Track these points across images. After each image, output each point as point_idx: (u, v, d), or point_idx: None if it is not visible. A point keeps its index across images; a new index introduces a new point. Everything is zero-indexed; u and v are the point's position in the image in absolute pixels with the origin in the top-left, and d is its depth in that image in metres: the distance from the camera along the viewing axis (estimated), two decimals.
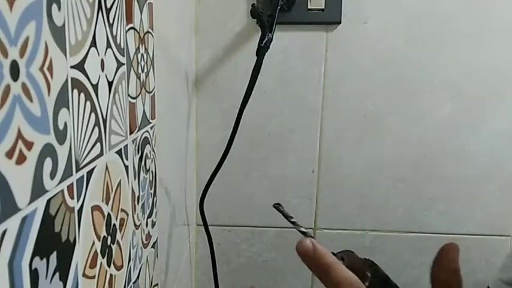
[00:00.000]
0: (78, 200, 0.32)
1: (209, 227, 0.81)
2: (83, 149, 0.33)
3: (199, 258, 0.97)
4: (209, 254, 0.83)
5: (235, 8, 0.86)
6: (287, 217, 0.44)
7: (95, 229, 0.36)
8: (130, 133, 0.45)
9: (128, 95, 0.43)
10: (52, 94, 0.28)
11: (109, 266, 0.39)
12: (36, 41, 0.25)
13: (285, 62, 0.88)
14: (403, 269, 0.95)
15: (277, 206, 0.44)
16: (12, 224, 0.24)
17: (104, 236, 0.38)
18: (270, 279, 0.96)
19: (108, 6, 0.37)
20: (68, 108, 0.30)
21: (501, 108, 0.88)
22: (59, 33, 0.28)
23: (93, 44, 0.34)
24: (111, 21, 0.38)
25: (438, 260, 0.38)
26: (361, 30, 0.86)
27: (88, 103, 0.33)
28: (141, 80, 0.48)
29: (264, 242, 0.95)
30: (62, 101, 0.29)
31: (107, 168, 0.38)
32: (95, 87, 0.35)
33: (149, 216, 0.54)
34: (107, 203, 0.38)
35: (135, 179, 0.47)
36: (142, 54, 0.48)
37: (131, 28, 0.44)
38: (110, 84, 0.38)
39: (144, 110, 0.50)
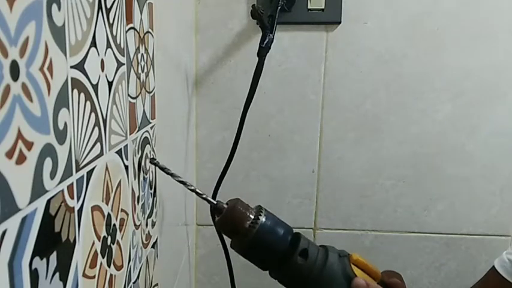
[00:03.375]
0: (78, 200, 0.32)
1: (209, 226, 0.81)
2: (83, 149, 0.33)
3: (199, 258, 0.97)
4: (209, 254, 0.83)
5: (235, 8, 0.87)
6: (163, 169, 0.48)
7: (95, 229, 0.36)
8: (131, 133, 0.45)
9: (128, 95, 0.43)
10: (52, 94, 0.28)
11: (109, 266, 0.39)
12: (36, 41, 0.25)
13: (285, 62, 0.88)
14: (403, 269, 0.95)
15: (152, 161, 0.47)
16: (12, 224, 0.24)
17: (104, 236, 0.38)
18: (270, 279, 0.96)
19: (108, 6, 0.37)
20: (68, 108, 0.30)
21: (501, 108, 0.88)
22: (59, 33, 0.28)
23: (93, 44, 0.34)
24: (111, 21, 0.38)
25: None
26: (361, 30, 0.86)
27: (88, 103, 0.33)
28: (141, 80, 0.48)
29: None
30: (62, 101, 0.29)
31: (106, 168, 0.38)
32: (95, 87, 0.35)
33: (149, 216, 0.54)
34: (107, 203, 0.38)
35: (135, 179, 0.47)
36: (142, 54, 0.48)
37: (131, 28, 0.44)
38: (110, 84, 0.38)
39: (144, 110, 0.50)
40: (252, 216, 0.45)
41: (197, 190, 0.48)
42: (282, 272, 0.46)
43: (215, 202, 0.47)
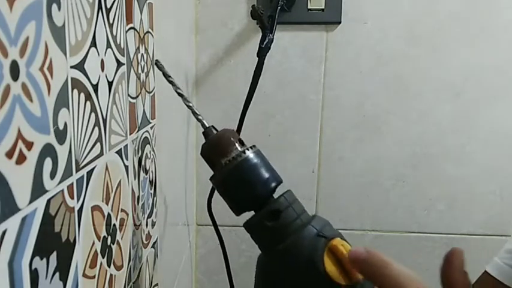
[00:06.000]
0: (78, 200, 0.32)
1: (209, 226, 0.81)
2: (83, 149, 0.33)
3: (199, 258, 0.97)
4: (209, 254, 0.83)
5: (235, 8, 0.87)
6: (166, 75, 0.45)
7: (95, 229, 0.36)
8: (130, 133, 0.45)
9: (128, 95, 0.43)
10: (52, 94, 0.28)
11: (109, 266, 0.39)
12: (36, 41, 0.25)
13: (285, 62, 0.88)
14: None
15: (157, 63, 0.44)
16: (12, 224, 0.24)
17: (104, 236, 0.38)
18: None
19: (108, 6, 0.37)
20: (68, 108, 0.30)
21: (501, 108, 0.88)
22: (59, 33, 0.28)
23: (93, 44, 0.34)
24: (111, 21, 0.38)
25: (449, 261, 0.38)
26: (361, 30, 0.86)
27: (88, 103, 0.33)
28: (141, 80, 0.48)
29: None
30: (62, 101, 0.29)
31: (107, 168, 0.38)
32: (95, 87, 0.35)
33: (149, 216, 0.54)
34: (107, 203, 0.38)
35: (135, 179, 0.47)
36: (142, 54, 0.48)
37: (131, 28, 0.44)
38: (110, 84, 0.38)
39: (144, 110, 0.50)
40: (239, 149, 0.39)
41: (194, 108, 0.44)
42: (248, 225, 0.39)
43: (207, 125, 0.42)
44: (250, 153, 0.38)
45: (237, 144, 0.39)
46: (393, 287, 0.31)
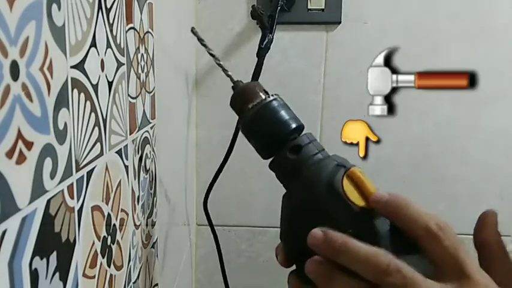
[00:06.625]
0: (78, 200, 0.32)
1: (209, 226, 0.81)
2: (83, 149, 0.33)
3: (199, 258, 0.97)
4: (209, 254, 0.83)
5: (235, 8, 0.87)
6: (200, 40, 0.49)
7: (95, 229, 0.36)
8: (130, 133, 0.45)
9: (128, 95, 0.43)
10: (52, 94, 0.28)
11: (109, 266, 0.39)
12: (36, 41, 0.25)
13: (285, 62, 0.88)
14: None
15: (193, 29, 0.49)
16: (12, 224, 0.24)
17: (104, 236, 0.38)
18: (270, 279, 0.96)
19: (108, 6, 0.37)
20: (68, 108, 0.30)
21: (501, 108, 0.88)
22: (59, 33, 0.28)
23: (93, 44, 0.34)
24: (111, 21, 0.38)
25: (483, 221, 0.39)
26: (361, 30, 0.86)
27: (88, 103, 0.33)
28: (141, 80, 0.48)
29: (264, 242, 0.95)
30: (62, 101, 0.29)
31: (106, 168, 0.38)
32: (95, 87, 0.35)
33: (149, 216, 0.54)
34: (107, 203, 0.38)
35: (135, 179, 0.47)
36: (142, 54, 0.48)
37: (131, 28, 0.44)
38: (110, 84, 0.38)
39: (144, 110, 0.50)
40: (263, 96, 0.43)
41: (223, 65, 0.48)
42: (272, 163, 0.43)
43: (235, 80, 0.46)
44: (273, 99, 0.42)
45: (261, 93, 0.43)
46: (413, 224, 0.33)
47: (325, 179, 0.37)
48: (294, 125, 0.42)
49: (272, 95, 0.43)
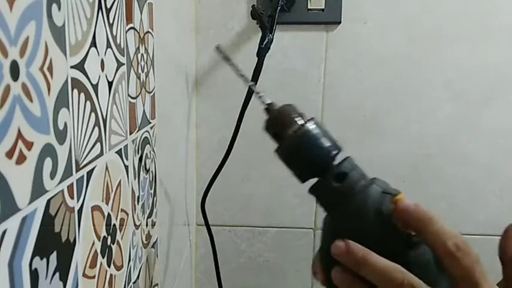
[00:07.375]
0: (78, 200, 0.32)
1: (210, 226, 0.81)
2: (83, 149, 0.33)
3: (199, 258, 0.97)
4: (209, 254, 0.83)
5: (235, 8, 0.87)
6: (226, 58, 0.48)
7: (95, 229, 0.36)
8: (130, 133, 0.45)
9: (128, 95, 0.43)
10: (52, 94, 0.28)
11: (109, 266, 0.39)
12: (36, 41, 0.25)
13: (285, 62, 0.88)
14: None
15: (218, 47, 0.47)
16: (12, 224, 0.24)
17: (104, 236, 0.38)
18: (270, 279, 0.96)
19: (108, 6, 0.37)
20: (68, 108, 0.30)
21: (501, 108, 0.88)
22: (59, 33, 0.28)
23: (93, 44, 0.34)
24: (111, 21, 0.38)
25: (508, 234, 0.40)
26: (361, 30, 0.86)
27: (88, 103, 0.33)
28: (141, 80, 0.48)
29: (264, 242, 0.95)
30: (62, 101, 0.29)
31: (106, 168, 0.38)
32: (95, 87, 0.35)
33: (149, 216, 0.54)
34: (107, 203, 0.38)
35: (135, 179, 0.47)
36: (142, 54, 0.48)
37: (131, 28, 0.44)
38: (110, 84, 0.38)
39: (144, 110, 0.50)
40: (302, 121, 0.42)
41: (254, 88, 0.48)
42: (314, 189, 0.42)
43: (268, 102, 0.46)
44: (312, 124, 0.42)
45: (299, 117, 0.43)
46: (433, 243, 0.35)
47: (374, 209, 0.38)
48: (334, 152, 0.42)
49: (310, 119, 0.42)
